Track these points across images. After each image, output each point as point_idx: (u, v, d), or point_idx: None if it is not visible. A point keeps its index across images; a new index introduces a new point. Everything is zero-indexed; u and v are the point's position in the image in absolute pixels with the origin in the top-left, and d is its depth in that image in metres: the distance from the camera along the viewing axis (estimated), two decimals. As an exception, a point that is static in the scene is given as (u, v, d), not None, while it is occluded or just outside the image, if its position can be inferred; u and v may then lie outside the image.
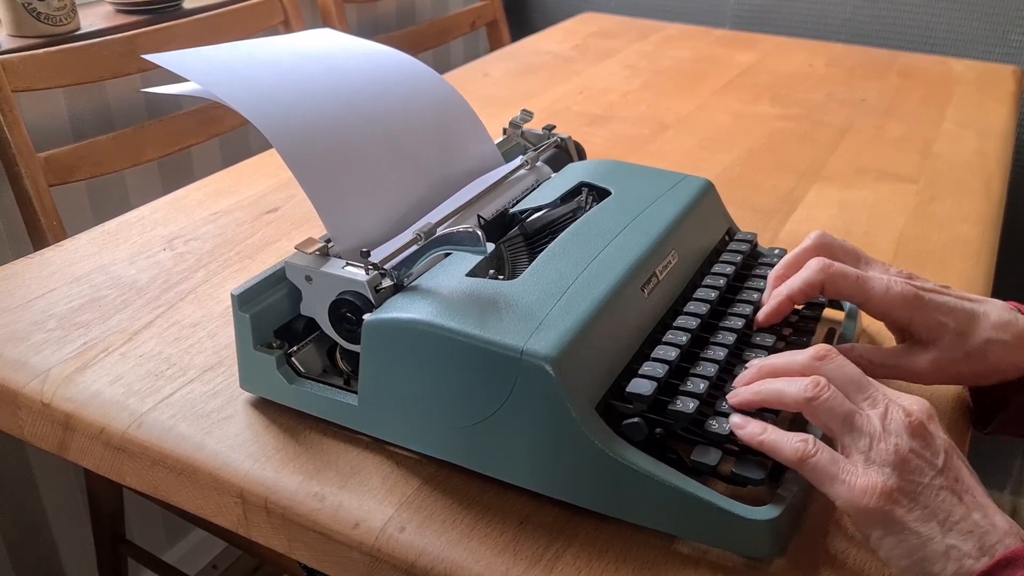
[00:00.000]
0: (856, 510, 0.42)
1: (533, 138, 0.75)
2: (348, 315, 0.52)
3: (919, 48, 1.53)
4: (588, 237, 0.57)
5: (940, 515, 0.41)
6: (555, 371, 0.46)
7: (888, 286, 0.53)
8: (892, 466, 0.42)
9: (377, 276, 0.52)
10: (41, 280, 0.72)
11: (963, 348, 0.52)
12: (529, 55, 1.39)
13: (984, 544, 0.40)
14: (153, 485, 0.56)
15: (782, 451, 0.45)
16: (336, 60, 0.64)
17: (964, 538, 0.40)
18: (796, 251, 0.57)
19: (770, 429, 0.46)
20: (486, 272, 0.55)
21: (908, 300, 0.52)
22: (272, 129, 0.55)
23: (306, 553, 0.51)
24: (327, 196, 0.56)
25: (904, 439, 0.43)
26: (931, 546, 0.41)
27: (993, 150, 1.03)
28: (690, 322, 0.54)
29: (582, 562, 0.46)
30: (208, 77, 0.56)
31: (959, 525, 0.41)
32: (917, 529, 0.41)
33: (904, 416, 0.44)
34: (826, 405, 0.45)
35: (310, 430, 0.55)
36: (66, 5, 1.09)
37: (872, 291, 0.53)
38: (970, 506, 0.42)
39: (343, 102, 0.60)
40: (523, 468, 0.48)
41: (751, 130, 1.08)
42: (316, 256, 0.54)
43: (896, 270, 0.56)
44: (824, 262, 0.54)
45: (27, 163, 0.98)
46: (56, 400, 0.58)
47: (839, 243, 0.57)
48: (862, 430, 0.44)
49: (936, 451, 0.43)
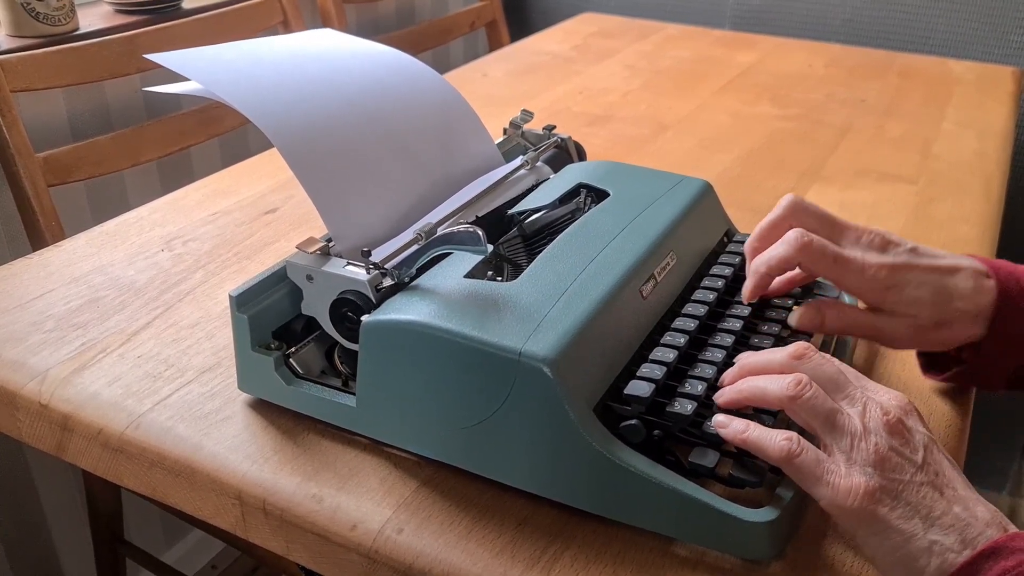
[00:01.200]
0: (840, 511, 0.43)
1: (533, 138, 0.75)
2: (349, 314, 0.53)
3: (919, 49, 1.53)
4: (587, 238, 0.57)
5: (922, 511, 0.42)
6: (553, 373, 0.45)
7: (863, 268, 0.53)
8: (873, 465, 0.42)
9: (378, 275, 0.52)
10: (39, 281, 0.72)
11: (935, 318, 0.54)
12: (529, 55, 1.39)
13: (966, 537, 0.41)
14: (151, 486, 0.55)
15: (766, 449, 0.45)
16: (337, 60, 0.64)
17: (946, 532, 0.41)
18: (769, 218, 0.57)
19: (753, 426, 0.46)
20: (484, 273, 0.55)
21: (882, 282, 0.53)
22: (273, 129, 0.55)
23: (304, 554, 0.51)
24: (328, 196, 0.56)
25: (883, 437, 0.43)
26: (914, 543, 0.41)
27: (993, 151, 1.03)
28: (688, 324, 0.54)
29: (580, 564, 0.46)
30: (210, 77, 0.56)
31: (940, 520, 0.41)
32: (900, 527, 0.41)
33: (882, 414, 0.44)
34: (808, 404, 0.45)
35: (308, 431, 0.55)
36: (65, 5, 1.09)
37: (848, 273, 0.53)
38: (951, 500, 0.42)
39: (344, 102, 0.60)
40: (521, 470, 0.48)
41: (751, 130, 1.08)
42: (317, 255, 0.54)
43: (869, 237, 0.55)
44: (802, 239, 0.53)
45: (26, 163, 0.98)
46: (54, 401, 0.58)
47: (812, 209, 0.56)
48: (843, 429, 0.44)
49: (915, 447, 0.43)
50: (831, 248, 0.54)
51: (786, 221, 0.56)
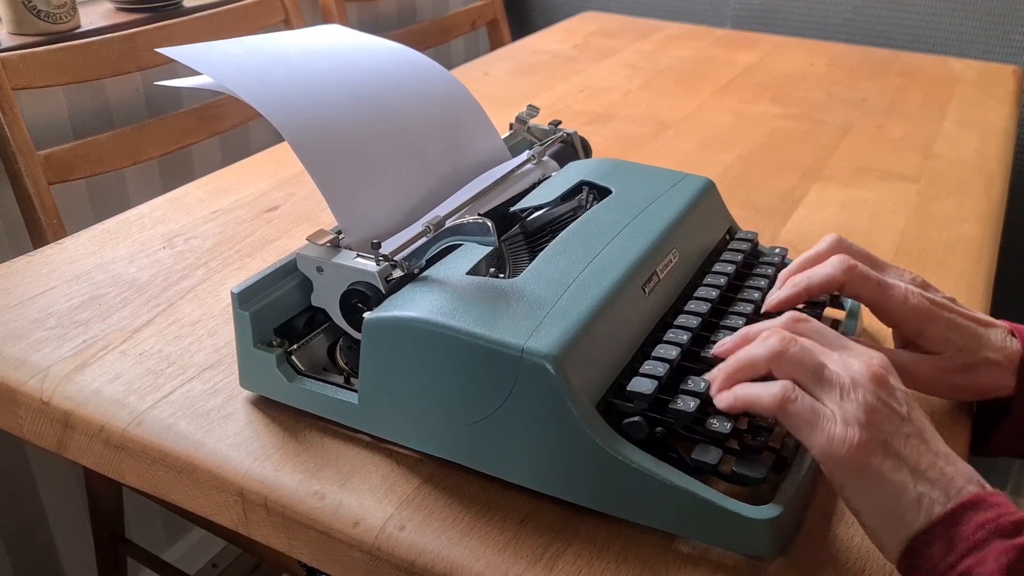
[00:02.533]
0: (832, 460, 0.43)
1: (539, 133, 0.75)
2: (359, 305, 0.53)
3: (919, 48, 1.53)
4: (589, 236, 0.57)
5: (910, 462, 0.42)
6: (556, 369, 0.45)
7: (906, 296, 0.54)
8: (864, 415, 0.43)
9: (388, 267, 0.52)
10: (41, 278, 0.71)
11: (962, 361, 0.54)
12: (530, 54, 1.39)
13: (950, 491, 0.41)
14: (153, 484, 0.55)
15: (760, 398, 0.45)
16: (346, 55, 0.65)
17: (932, 485, 0.41)
18: (811, 252, 0.57)
19: (745, 384, 0.46)
20: (487, 270, 0.55)
21: (923, 313, 0.53)
22: (284, 122, 0.55)
23: (306, 552, 0.51)
24: (338, 189, 0.56)
25: (871, 390, 0.43)
26: (905, 495, 0.41)
27: (994, 150, 1.03)
28: (691, 321, 0.54)
29: (583, 561, 0.46)
30: (221, 71, 0.56)
31: (927, 472, 0.42)
32: (891, 477, 0.42)
33: (866, 368, 0.44)
34: (795, 358, 0.45)
35: (310, 428, 0.55)
36: (66, 3, 1.09)
37: (891, 299, 0.54)
38: (936, 453, 0.43)
39: (353, 96, 0.61)
40: (523, 466, 0.48)
41: (752, 129, 1.08)
42: (327, 247, 0.54)
43: (910, 276, 0.57)
44: (848, 262, 0.54)
45: (27, 161, 0.98)
46: (55, 398, 0.58)
47: (855, 248, 0.57)
48: (832, 382, 0.44)
49: (900, 400, 0.44)
50: (876, 274, 0.54)
51: (829, 255, 0.56)
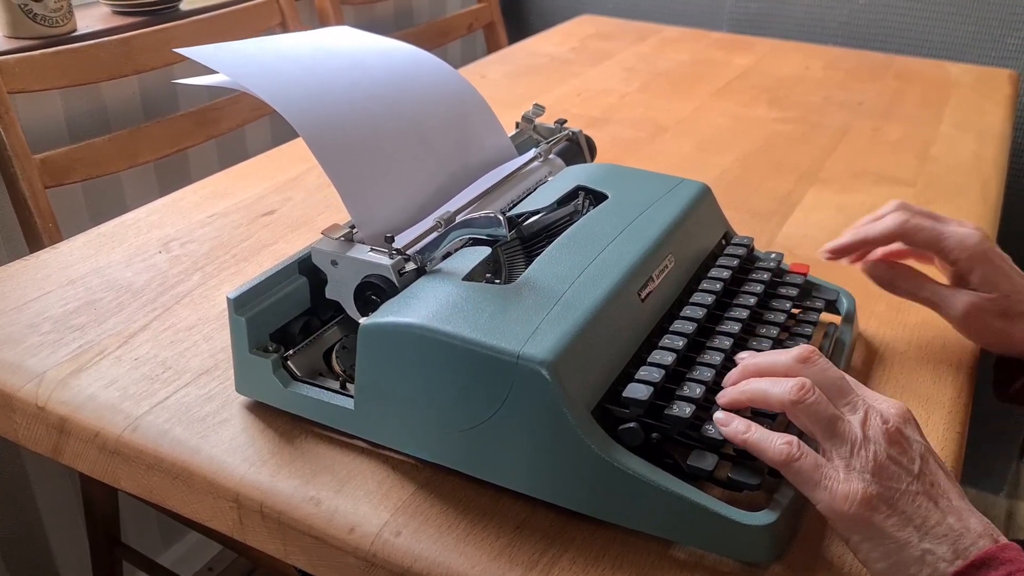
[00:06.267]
0: (836, 515, 0.43)
1: (545, 132, 0.76)
2: (373, 298, 0.54)
3: (916, 52, 1.53)
4: (585, 241, 0.57)
5: (916, 520, 0.42)
6: (551, 375, 0.45)
7: (963, 238, 0.60)
8: (872, 473, 0.43)
9: (401, 260, 0.53)
10: (36, 282, 0.71)
11: (1005, 307, 0.59)
12: (527, 57, 1.39)
13: (958, 547, 0.41)
14: (148, 489, 0.55)
15: (766, 452, 0.45)
16: (358, 55, 0.66)
17: (939, 542, 0.41)
18: (876, 213, 0.63)
19: (754, 428, 0.46)
20: (483, 276, 0.55)
21: (979, 255, 0.59)
22: (299, 119, 0.56)
23: (301, 558, 0.51)
24: (352, 184, 0.57)
25: (882, 446, 0.44)
26: (908, 551, 0.42)
27: (990, 153, 1.03)
28: (686, 326, 0.54)
29: (578, 567, 0.46)
30: (238, 70, 0.57)
31: (934, 530, 0.42)
32: (895, 535, 0.42)
33: (882, 423, 0.45)
34: (811, 409, 0.45)
35: (306, 434, 0.55)
36: (63, 6, 1.09)
37: (948, 239, 0.60)
38: (945, 511, 0.43)
39: (365, 95, 0.62)
40: (519, 473, 0.48)
41: (749, 133, 1.08)
42: (342, 241, 0.55)
43: (974, 226, 0.61)
44: (902, 216, 0.61)
45: (23, 165, 0.98)
46: (51, 403, 0.58)
47: (916, 208, 0.63)
48: (844, 437, 0.44)
49: (912, 457, 0.44)
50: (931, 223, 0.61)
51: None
